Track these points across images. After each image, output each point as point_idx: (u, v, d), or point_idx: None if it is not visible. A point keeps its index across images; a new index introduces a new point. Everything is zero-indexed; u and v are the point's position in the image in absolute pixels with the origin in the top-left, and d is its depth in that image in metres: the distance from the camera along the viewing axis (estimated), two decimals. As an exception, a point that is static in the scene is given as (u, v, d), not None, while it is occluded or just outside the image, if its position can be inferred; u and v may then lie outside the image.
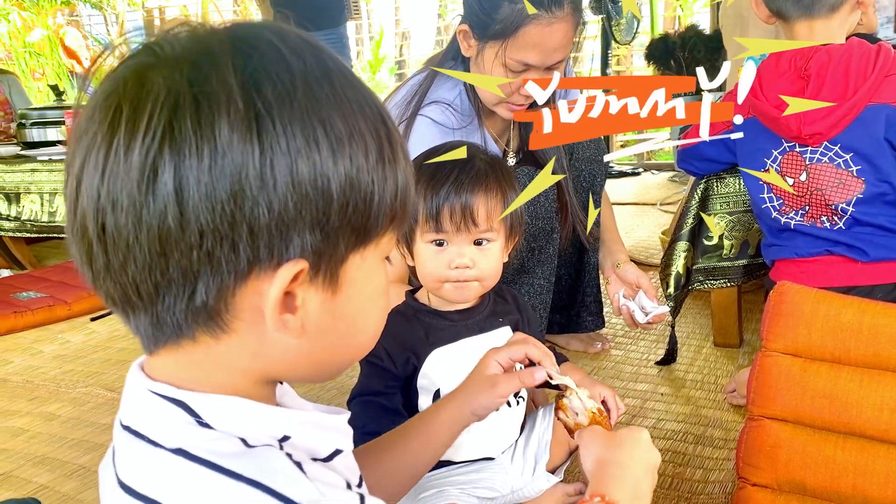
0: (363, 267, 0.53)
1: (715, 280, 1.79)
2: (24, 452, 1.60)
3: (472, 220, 1.11)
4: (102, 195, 0.46)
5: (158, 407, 0.51)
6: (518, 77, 1.50)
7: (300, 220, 0.47)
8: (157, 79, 0.46)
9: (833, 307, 1.15)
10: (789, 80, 1.42)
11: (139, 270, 0.47)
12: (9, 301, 2.52)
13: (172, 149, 0.45)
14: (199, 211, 0.45)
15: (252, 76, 0.46)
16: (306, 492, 0.47)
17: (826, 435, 1.09)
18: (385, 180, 0.51)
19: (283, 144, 0.46)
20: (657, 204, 3.77)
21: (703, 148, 1.65)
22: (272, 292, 0.48)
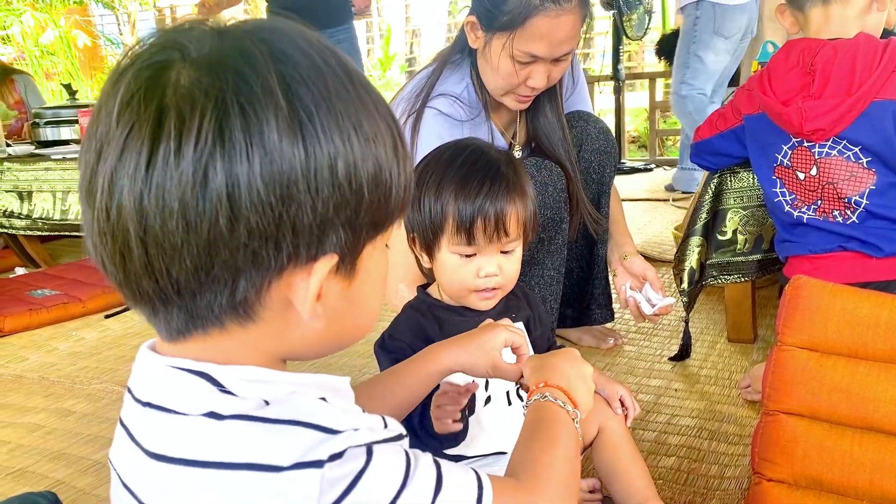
0: (374, 255, 0.56)
1: (729, 275, 1.78)
2: (40, 448, 1.61)
3: (505, 231, 1.11)
4: (147, 198, 0.46)
5: (181, 380, 0.52)
6: (525, 68, 1.50)
7: (337, 218, 0.50)
8: (195, 83, 0.47)
9: (850, 301, 1.14)
10: (797, 76, 1.41)
11: (184, 270, 0.48)
12: (24, 299, 2.54)
13: (223, 154, 0.46)
14: (248, 213, 0.47)
15: (292, 83, 0.48)
16: (342, 418, 0.50)
17: (843, 430, 1.08)
18: (399, 175, 0.54)
19: (324, 147, 0.49)
20: (670, 199, 3.76)
21: (715, 142, 1.65)
22: (312, 286, 0.51)
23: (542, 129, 1.67)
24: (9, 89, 3.88)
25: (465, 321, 1.19)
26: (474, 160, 1.14)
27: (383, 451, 0.52)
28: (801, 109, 1.38)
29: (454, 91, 1.58)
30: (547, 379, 0.83)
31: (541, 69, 1.50)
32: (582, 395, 0.84)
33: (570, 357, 0.89)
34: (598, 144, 1.73)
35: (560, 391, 0.82)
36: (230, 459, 0.49)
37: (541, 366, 0.87)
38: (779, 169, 1.50)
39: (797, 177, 1.46)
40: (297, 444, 0.49)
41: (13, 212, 2.91)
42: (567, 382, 0.83)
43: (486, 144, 1.20)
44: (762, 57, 1.99)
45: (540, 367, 0.87)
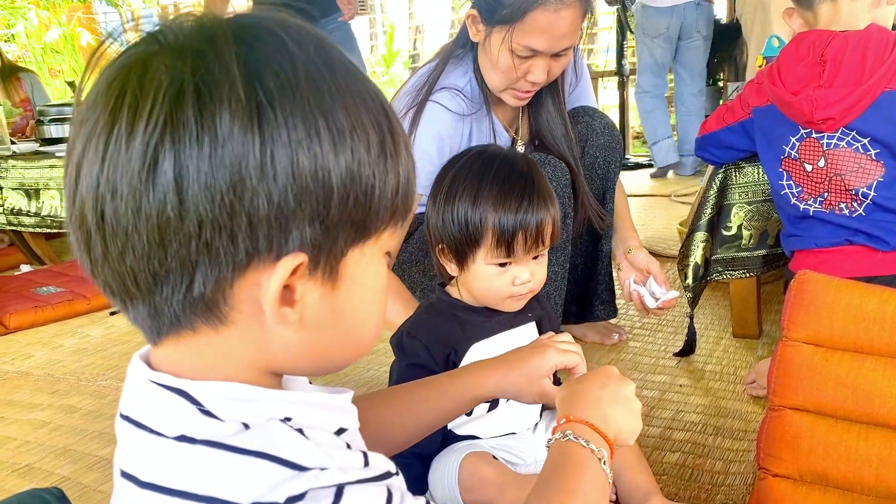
0: (363, 262, 0.53)
1: (734, 271, 1.78)
2: (45, 445, 1.62)
3: (542, 240, 1.13)
4: (102, 182, 0.46)
5: (159, 397, 0.51)
6: (525, 63, 1.49)
7: (300, 212, 0.47)
8: (160, 67, 0.46)
9: (856, 296, 1.13)
10: (807, 66, 1.40)
11: (137, 260, 0.46)
12: (29, 296, 2.55)
13: (174, 138, 0.44)
14: (198, 201, 0.45)
15: (255, 66, 0.46)
16: (313, 455, 0.47)
17: (848, 425, 1.07)
18: (386, 174, 0.51)
19: (284, 135, 0.46)
20: (671, 195, 3.75)
21: (721, 135, 1.64)
22: (272, 285, 0.48)
23: (545, 124, 1.66)
24: (15, 87, 3.89)
25: (488, 322, 1.19)
26: (508, 171, 1.14)
27: (356, 493, 0.48)
28: (812, 98, 1.37)
29: (457, 85, 1.58)
30: (570, 412, 0.74)
31: (541, 64, 1.49)
32: (621, 421, 0.75)
33: (604, 378, 0.79)
34: (604, 140, 1.73)
35: (586, 426, 0.73)
36: (194, 490, 0.47)
37: (569, 395, 0.78)
38: (786, 161, 1.49)
39: (804, 169, 1.45)
40: (260, 481, 0.46)
41: (21, 209, 2.91)
42: (598, 410, 0.75)
43: (511, 152, 1.20)
44: (767, 51, 1.98)
45: (567, 398, 0.78)
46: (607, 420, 0.74)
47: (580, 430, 0.73)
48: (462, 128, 1.58)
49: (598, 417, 0.74)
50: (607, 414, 0.75)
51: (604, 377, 0.79)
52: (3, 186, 2.94)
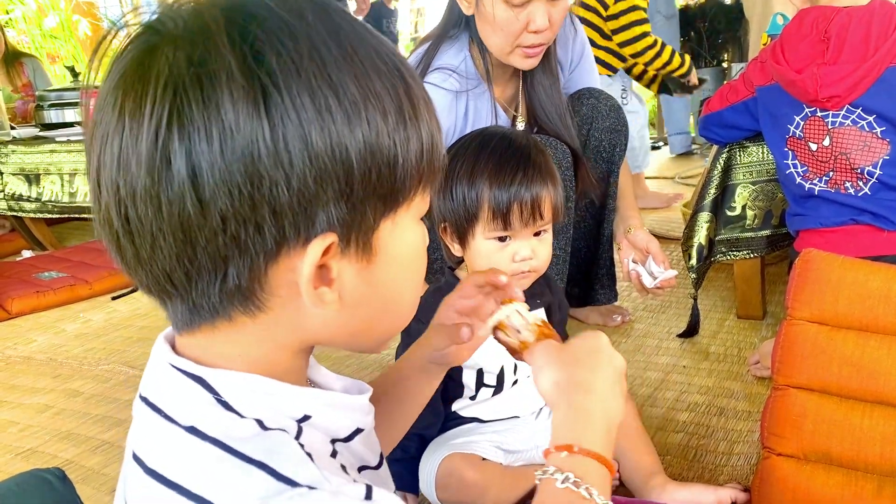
0: (395, 231, 0.51)
1: (738, 251, 1.77)
2: (49, 428, 1.62)
3: (540, 214, 1.12)
4: (121, 186, 0.45)
5: (178, 382, 0.50)
6: (523, 10, 1.46)
7: (322, 194, 0.45)
8: (159, 61, 0.44)
9: (861, 274, 1.12)
10: (811, 44, 1.39)
11: (168, 259, 0.46)
12: (31, 281, 2.55)
13: (181, 134, 0.43)
14: (216, 196, 0.44)
15: (252, 47, 0.44)
16: (311, 473, 0.46)
17: (853, 403, 1.07)
18: (408, 141, 0.49)
19: (293, 116, 0.44)
20: (675, 177, 3.73)
21: (725, 114, 1.63)
22: (304, 269, 0.47)
23: (539, 102, 1.64)
24: (17, 72, 3.88)
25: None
26: (505, 147, 1.15)
27: None
28: (817, 76, 1.36)
29: (451, 64, 1.56)
30: (575, 440, 0.58)
31: (539, 8, 1.45)
32: (618, 413, 0.63)
33: (603, 361, 0.64)
34: (609, 122, 1.71)
35: (592, 460, 0.58)
36: (190, 487, 0.46)
37: (566, 386, 0.63)
38: (791, 140, 1.48)
39: (809, 148, 1.44)
40: (251, 491, 0.45)
41: (21, 195, 2.91)
42: (603, 418, 0.61)
43: (512, 131, 1.21)
44: (772, 29, 1.96)
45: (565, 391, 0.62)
46: (610, 426, 0.61)
47: (584, 466, 0.57)
48: (457, 106, 1.56)
49: (601, 432, 0.60)
50: (609, 412, 0.62)
51: (595, 357, 0.64)
52: (4, 172, 2.93)
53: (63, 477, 0.84)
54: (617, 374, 0.65)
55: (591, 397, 0.61)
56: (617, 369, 0.65)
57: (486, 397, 1.21)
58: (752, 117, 1.57)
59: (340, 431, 0.56)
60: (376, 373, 1.74)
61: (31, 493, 0.80)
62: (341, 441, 0.56)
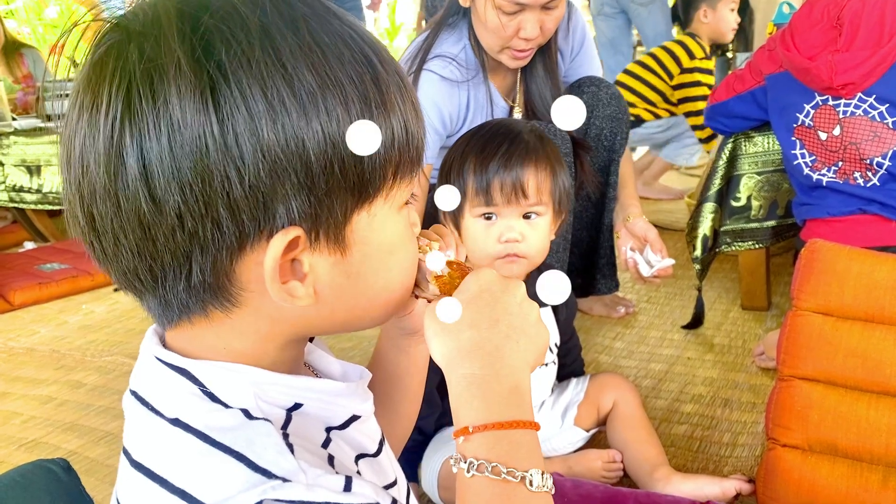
0: (373, 223, 0.49)
1: (743, 242, 1.76)
2: (52, 419, 1.62)
3: (523, 192, 1.11)
4: (83, 184, 0.45)
5: (163, 375, 0.50)
6: (514, 18, 1.45)
7: (279, 188, 0.44)
8: (114, 57, 0.44)
9: (866, 265, 1.12)
10: (822, 31, 1.37)
11: (131, 257, 0.46)
12: (33, 273, 2.55)
13: (133, 130, 0.43)
14: (169, 193, 0.43)
15: (203, 39, 0.43)
16: (287, 464, 0.45)
17: (858, 395, 1.06)
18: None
19: (242, 109, 0.43)
20: (680, 168, 3.71)
21: (732, 104, 1.62)
22: (267, 264, 0.45)
23: (536, 88, 1.63)
24: (17, 63, 3.87)
25: None
26: (497, 129, 1.16)
27: None
28: (832, 63, 1.35)
29: (451, 52, 1.55)
30: (472, 418, 0.50)
31: (531, 18, 1.45)
32: (530, 352, 0.54)
33: (479, 304, 0.53)
34: (610, 110, 1.69)
35: (495, 432, 0.50)
36: (171, 480, 0.46)
37: (448, 355, 0.53)
38: (799, 129, 1.47)
39: (818, 137, 1.43)
40: (228, 483, 0.45)
41: (23, 186, 2.90)
42: (505, 368, 0.52)
43: (514, 120, 1.20)
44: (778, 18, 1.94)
45: (449, 360, 0.53)
46: (515, 381, 0.52)
47: (490, 444, 0.49)
48: (458, 95, 1.56)
49: (502, 394, 0.51)
50: (512, 366, 0.52)
51: (477, 302, 0.53)
52: (5, 163, 2.92)
53: (67, 467, 0.84)
54: (515, 307, 0.54)
55: (477, 358, 0.52)
56: (514, 300, 0.54)
57: None
58: (759, 107, 1.56)
59: (334, 419, 0.55)
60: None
61: (36, 484, 0.80)
62: (336, 429, 0.55)
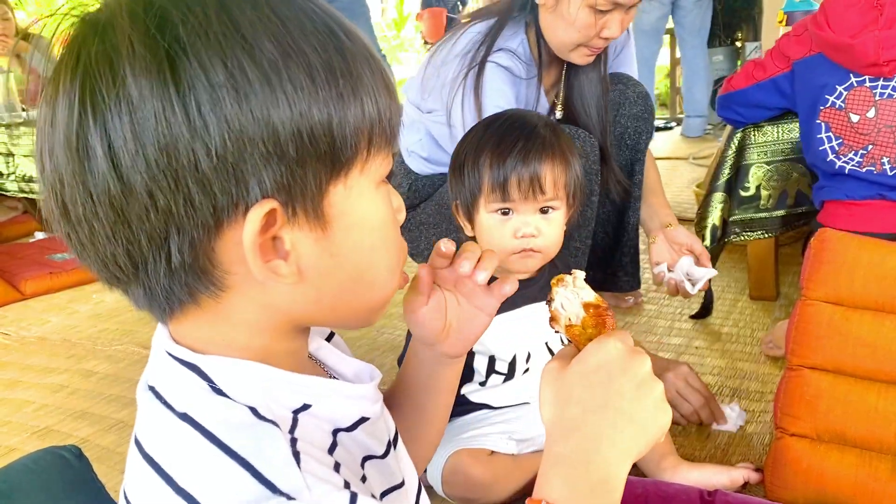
0: (350, 197, 0.49)
1: (752, 232, 1.75)
2: (64, 407, 1.64)
3: (540, 187, 1.10)
4: (53, 175, 0.45)
5: (174, 370, 0.50)
6: (603, 17, 1.44)
7: (248, 157, 0.44)
8: (73, 44, 0.44)
9: (877, 254, 1.11)
10: (861, 11, 1.36)
11: (108, 243, 0.45)
12: (44, 262, 2.56)
13: (94, 113, 0.43)
14: (136, 171, 0.43)
15: (156, 17, 0.43)
16: (292, 481, 0.45)
17: (868, 384, 1.06)
18: (341, 97, 0.46)
19: (204, 81, 0.42)
20: (689, 158, 3.70)
21: (750, 92, 1.59)
22: (246, 237, 0.45)
23: (580, 90, 1.60)
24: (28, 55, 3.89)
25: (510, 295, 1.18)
26: (511, 123, 1.15)
27: None
28: (877, 39, 1.33)
29: (511, 46, 1.53)
30: (543, 495, 0.51)
31: (617, 17, 1.44)
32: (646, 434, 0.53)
33: (595, 378, 0.54)
34: (636, 110, 1.67)
35: None
36: (178, 480, 0.46)
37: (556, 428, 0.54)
38: (826, 112, 1.45)
39: (849, 119, 1.41)
40: (233, 494, 0.44)
41: (32, 177, 2.91)
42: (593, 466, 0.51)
43: (526, 111, 1.20)
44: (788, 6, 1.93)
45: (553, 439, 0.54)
46: (611, 463, 0.51)
47: None
48: (518, 90, 1.54)
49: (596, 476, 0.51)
50: (611, 451, 0.52)
51: (595, 375, 0.53)
52: (15, 154, 2.93)
53: (79, 454, 0.84)
54: (631, 390, 0.53)
55: (574, 440, 0.52)
56: (631, 382, 0.53)
57: (497, 384, 1.21)
58: (781, 95, 1.54)
59: (343, 420, 0.55)
60: (388, 353, 1.75)
61: (48, 471, 0.81)
62: (344, 430, 0.55)
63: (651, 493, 1.01)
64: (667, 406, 0.55)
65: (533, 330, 1.18)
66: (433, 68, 1.58)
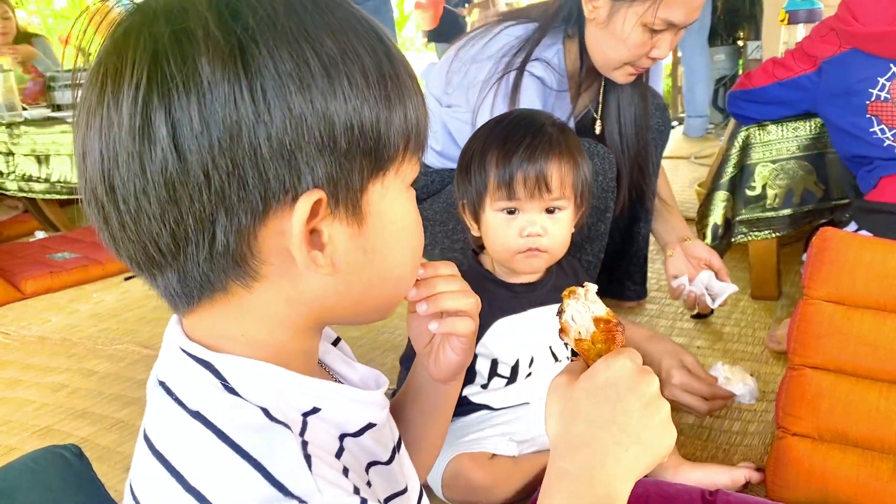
0: (387, 196, 0.51)
1: (759, 231, 1.75)
2: (64, 407, 1.63)
3: (546, 186, 1.10)
4: (105, 154, 0.45)
5: (187, 367, 0.50)
6: (655, 37, 1.41)
7: (304, 146, 0.45)
8: (138, 31, 0.45)
9: (878, 253, 1.11)
10: (888, 2, 1.35)
11: (154, 223, 0.46)
12: (44, 262, 2.56)
13: (161, 93, 0.44)
14: (196, 150, 0.44)
15: (229, 6, 0.45)
16: (304, 484, 0.45)
17: (869, 383, 1.06)
18: (388, 100, 0.49)
19: (271, 69, 0.44)
20: (690, 157, 3.70)
21: (771, 90, 1.58)
22: (295, 225, 0.46)
23: (619, 104, 1.58)
24: (28, 54, 3.88)
25: (517, 298, 1.18)
26: (519, 121, 1.14)
27: None
28: None
29: (547, 56, 1.50)
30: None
31: (668, 37, 1.42)
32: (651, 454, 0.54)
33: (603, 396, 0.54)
34: (654, 122, 1.66)
35: None
36: (191, 481, 0.46)
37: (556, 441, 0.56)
38: (874, 105, 1.44)
39: None
40: (245, 494, 0.45)
41: (32, 176, 2.91)
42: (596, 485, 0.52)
43: (535, 110, 1.19)
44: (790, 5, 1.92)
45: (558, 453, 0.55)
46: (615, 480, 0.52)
47: None
48: (545, 101, 1.50)
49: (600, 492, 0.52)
50: (616, 469, 0.53)
51: (610, 390, 0.54)
52: (16, 153, 2.93)
53: (79, 454, 0.84)
54: (639, 409, 0.54)
55: (579, 456, 0.53)
56: (640, 401, 0.54)
57: (499, 386, 1.21)
58: (806, 94, 1.53)
59: (350, 426, 0.55)
60: (389, 353, 1.74)
61: (48, 470, 0.81)
62: (351, 436, 0.55)
63: (652, 492, 1.01)
64: (672, 427, 0.56)
65: (537, 334, 1.18)
66: (461, 63, 1.55)
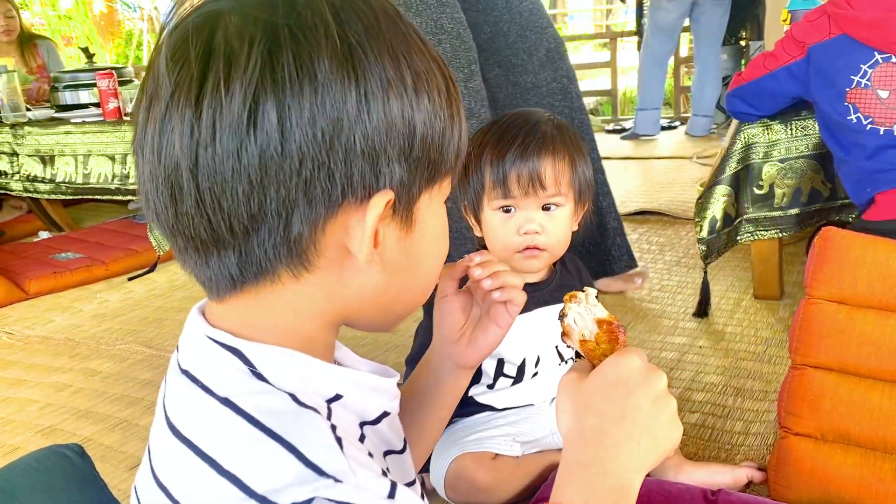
0: (431, 206, 0.54)
1: (765, 231, 1.74)
2: (68, 406, 1.64)
3: (540, 183, 1.10)
4: (199, 130, 0.46)
5: (215, 354, 0.51)
6: None
7: (389, 149, 0.48)
8: (247, 18, 0.46)
9: (881, 253, 1.11)
10: None
11: (236, 203, 0.47)
12: (48, 262, 2.57)
13: (274, 83, 0.45)
14: (299, 140, 0.46)
15: (341, 10, 0.48)
16: (337, 464, 0.46)
17: (872, 383, 1.06)
18: (452, 118, 0.53)
19: (377, 75, 0.48)
20: (693, 157, 3.70)
21: (763, 83, 1.58)
22: (369, 221, 0.49)
23: None
24: (32, 54, 3.90)
25: None
26: (514, 120, 1.14)
27: None
28: None
29: None
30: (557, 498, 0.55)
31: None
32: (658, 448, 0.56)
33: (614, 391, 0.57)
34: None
35: None
36: (221, 462, 0.46)
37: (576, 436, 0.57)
38: (853, 92, 1.44)
39: (878, 96, 1.40)
40: (278, 474, 0.45)
41: (36, 176, 2.92)
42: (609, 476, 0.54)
43: (532, 110, 1.19)
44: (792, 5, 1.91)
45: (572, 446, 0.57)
46: (627, 471, 0.55)
47: None
48: None
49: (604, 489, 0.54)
50: (628, 460, 0.55)
51: (614, 389, 0.57)
52: (20, 153, 2.94)
53: (82, 453, 0.84)
54: (648, 404, 0.56)
55: (592, 449, 0.55)
56: (648, 396, 0.56)
57: (505, 386, 1.21)
58: (795, 81, 1.53)
59: (370, 413, 0.56)
60: (391, 353, 1.75)
61: (51, 469, 0.81)
62: (369, 424, 0.56)
63: (654, 492, 1.01)
64: (679, 422, 0.58)
65: (544, 334, 1.18)
66: None
